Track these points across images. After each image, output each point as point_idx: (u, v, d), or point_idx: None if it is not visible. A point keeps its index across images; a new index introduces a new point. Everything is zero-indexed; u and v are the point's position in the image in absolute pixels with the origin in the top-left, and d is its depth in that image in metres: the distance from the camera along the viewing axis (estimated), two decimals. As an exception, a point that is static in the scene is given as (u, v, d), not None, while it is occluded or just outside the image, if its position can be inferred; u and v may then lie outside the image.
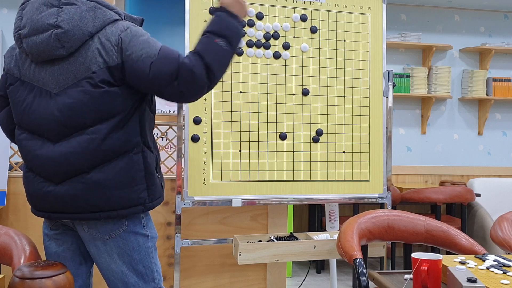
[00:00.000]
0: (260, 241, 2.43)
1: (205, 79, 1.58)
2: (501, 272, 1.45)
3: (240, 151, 2.37)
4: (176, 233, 2.34)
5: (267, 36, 2.43)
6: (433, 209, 4.48)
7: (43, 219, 1.74)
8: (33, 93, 1.61)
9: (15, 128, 1.70)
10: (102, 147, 1.56)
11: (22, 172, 2.43)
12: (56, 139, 1.58)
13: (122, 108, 1.59)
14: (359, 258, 1.72)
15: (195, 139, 2.32)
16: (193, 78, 1.56)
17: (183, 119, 2.31)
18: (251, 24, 2.41)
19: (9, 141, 2.40)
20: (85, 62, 1.55)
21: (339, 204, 2.70)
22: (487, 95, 4.83)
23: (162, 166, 2.55)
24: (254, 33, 2.41)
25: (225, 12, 1.66)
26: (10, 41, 4.17)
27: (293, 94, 2.45)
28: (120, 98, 1.58)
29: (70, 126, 1.56)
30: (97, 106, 1.55)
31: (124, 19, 1.65)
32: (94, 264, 1.79)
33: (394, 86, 2.61)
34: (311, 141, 2.47)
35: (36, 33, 1.56)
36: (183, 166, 2.30)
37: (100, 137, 1.56)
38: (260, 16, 2.42)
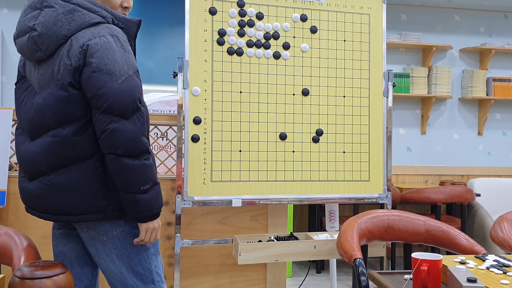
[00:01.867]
0: (260, 241, 2.43)
1: (132, 148, 1.52)
2: (501, 272, 1.45)
3: (240, 151, 2.37)
4: (176, 233, 2.34)
5: (267, 36, 2.43)
6: (433, 209, 4.48)
7: (40, 221, 1.76)
8: (26, 92, 1.66)
9: None
10: (64, 151, 1.54)
11: (22, 172, 2.44)
12: (32, 137, 1.62)
13: (82, 113, 1.55)
14: (359, 258, 1.72)
15: (195, 139, 2.32)
16: (129, 138, 1.51)
17: (183, 119, 2.32)
18: (251, 24, 2.41)
19: (9, 141, 2.40)
20: (57, 65, 1.55)
21: (339, 204, 2.70)
22: (487, 95, 4.83)
23: (162, 166, 2.55)
24: (254, 33, 2.41)
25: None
26: (10, 41, 4.17)
27: (293, 94, 2.45)
28: (83, 103, 1.54)
29: (39, 127, 1.57)
30: (60, 109, 1.53)
31: (113, 22, 1.60)
32: None
33: (394, 86, 2.61)
34: (311, 141, 2.47)
35: (20, 35, 1.60)
36: (183, 166, 2.30)
37: (60, 141, 1.54)
38: (260, 16, 2.42)
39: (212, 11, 2.35)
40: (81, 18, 1.54)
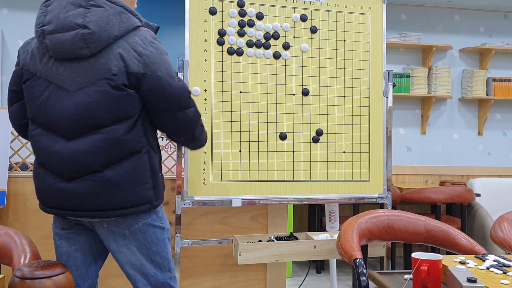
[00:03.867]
0: (260, 241, 2.43)
1: (198, 127, 1.78)
2: (501, 272, 1.45)
3: (240, 151, 2.37)
4: (176, 233, 2.34)
5: (267, 36, 2.43)
6: (433, 209, 4.48)
7: (48, 218, 1.74)
8: (50, 89, 1.62)
9: (29, 123, 1.71)
10: (117, 147, 1.60)
11: (21, 172, 2.43)
12: (71, 137, 1.60)
13: (136, 111, 1.64)
14: (359, 258, 1.72)
15: (195, 139, 2.32)
16: (197, 118, 1.76)
17: (183, 119, 2.31)
18: (251, 24, 2.41)
19: (9, 141, 2.40)
20: (107, 64, 1.58)
21: (339, 204, 2.70)
22: (487, 95, 4.83)
23: (162, 166, 2.54)
24: (254, 33, 2.41)
25: None
26: (10, 41, 4.17)
27: (293, 94, 2.46)
28: (136, 101, 1.63)
29: (85, 124, 1.58)
30: (115, 107, 1.59)
31: (143, 26, 1.69)
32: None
33: (394, 86, 2.61)
34: (311, 141, 2.47)
35: (61, 31, 1.57)
36: (183, 166, 2.30)
37: (115, 137, 1.59)
38: (260, 16, 2.42)
39: (212, 11, 2.35)
40: (128, 20, 1.63)
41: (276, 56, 2.43)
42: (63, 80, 1.60)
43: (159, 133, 2.63)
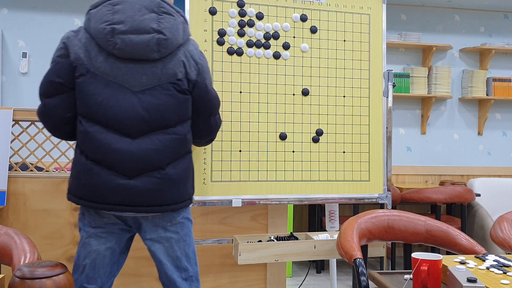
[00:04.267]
0: (260, 241, 2.43)
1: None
2: (501, 272, 1.45)
3: (240, 151, 2.37)
4: (176, 233, 2.34)
5: (267, 36, 2.43)
6: (433, 209, 4.48)
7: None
8: (110, 88, 1.65)
9: (79, 120, 1.69)
10: (180, 146, 1.74)
11: (21, 172, 2.43)
12: (136, 135, 1.66)
13: (190, 114, 1.80)
14: (359, 258, 1.72)
15: (195, 139, 2.32)
16: (220, 123, 1.98)
17: (183, 119, 2.31)
18: (251, 24, 2.41)
19: (9, 141, 2.40)
20: (172, 69, 1.70)
21: (339, 204, 2.70)
22: (487, 95, 4.83)
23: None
24: (254, 33, 2.41)
25: None
26: (10, 41, 4.17)
27: (293, 94, 2.46)
28: (191, 105, 1.79)
29: (154, 124, 1.68)
30: (180, 109, 1.73)
31: None
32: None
33: (394, 86, 2.61)
34: (311, 141, 2.47)
35: (136, 33, 1.63)
36: (183, 166, 2.30)
37: (179, 137, 1.73)
38: (260, 16, 2.42)
39: (212, 11, 2.35)
40: (188, 31, 1.79)
41: (276, 56, 2.43)
42: (125, 80, 1.66)
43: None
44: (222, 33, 2.36)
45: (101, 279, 1.78)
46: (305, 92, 2.46)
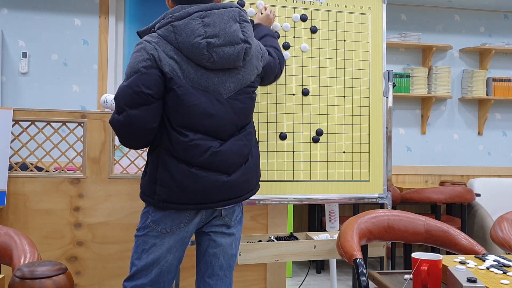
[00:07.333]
0: (260, 241, 2.43)
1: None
2: (501, 272, 1.45)
3: (240, 151, 2.37)
4: (176, 233, 2.34)
5: (267, 36, 2.42)
6: (433, 209, 4.48)
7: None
8: (207, 99, 1.72)
9: (178, 130, 1.71)
10: (253, 136, 1.89)
11: (21, 172, 2.43)
12: (227, 138, 1.78)
13: None
14: (359, 258, 1.72)
15: (195, 139, 2.32)
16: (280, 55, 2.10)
17: (183, 119, 2.31)
18: (251, 24, 2.40)
19: (9, 141, 2.39)
20: (249, 73, 1.82)
21: (339, 204, 2.70)
22: (487, 95, 4.83)
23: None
24: (254, 33, 2.41)
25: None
26: (10, 41, 4.17)
27: (293, 94, 2.46)
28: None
29: (240, 126, 1.82)
30: (253, 109, 1.89)
31: None
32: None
33: (394, 86, 2.61)
34: (311, 141, 2.47)
35: (228, 45, 1.71)
36: (183, 166, 2.30)
37: (253, 131, 1.90)
38: (260, 16, 2.41)
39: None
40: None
41: (276, 56, 2.43)
42: (217, 89, 1.74)
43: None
44: (222, 33, 2.36)
45: (168, 280, 1.85)
46: (305, 92, 2.46)
